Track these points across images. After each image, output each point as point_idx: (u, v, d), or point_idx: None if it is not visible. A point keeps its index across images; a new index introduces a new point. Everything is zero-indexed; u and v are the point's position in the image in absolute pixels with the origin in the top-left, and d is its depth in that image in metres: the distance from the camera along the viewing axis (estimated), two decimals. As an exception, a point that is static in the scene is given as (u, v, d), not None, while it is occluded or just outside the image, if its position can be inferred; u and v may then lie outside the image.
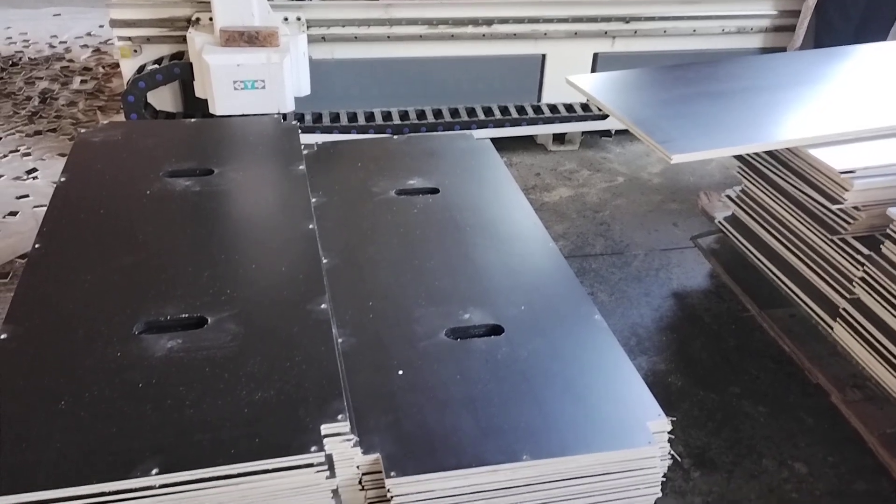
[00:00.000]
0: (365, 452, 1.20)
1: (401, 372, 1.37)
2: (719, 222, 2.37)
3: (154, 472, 1.07)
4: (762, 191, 2.16)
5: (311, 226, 1.65)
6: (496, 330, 1.50)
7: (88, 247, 1.55)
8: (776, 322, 2.12)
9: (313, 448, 1.12)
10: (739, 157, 2.22)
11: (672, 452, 1.30)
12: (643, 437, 1.28)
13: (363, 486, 1.22)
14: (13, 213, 2.91)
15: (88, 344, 1.29)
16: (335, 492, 1.16)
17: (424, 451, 1.22)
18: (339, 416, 1.17)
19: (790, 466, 1.87)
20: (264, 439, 1.13)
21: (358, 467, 1.20)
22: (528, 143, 3.53)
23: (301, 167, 1.88)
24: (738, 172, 2.26)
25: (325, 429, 1.16)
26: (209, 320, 1.35)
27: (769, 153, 2.07)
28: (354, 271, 1.64)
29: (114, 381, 1.22)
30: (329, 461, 1.14)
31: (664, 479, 1.29)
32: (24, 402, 1.18)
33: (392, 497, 1.18)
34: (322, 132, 3.11)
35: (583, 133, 3.56)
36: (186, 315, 1.37)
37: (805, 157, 1.90)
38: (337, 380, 1.25)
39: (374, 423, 1.26)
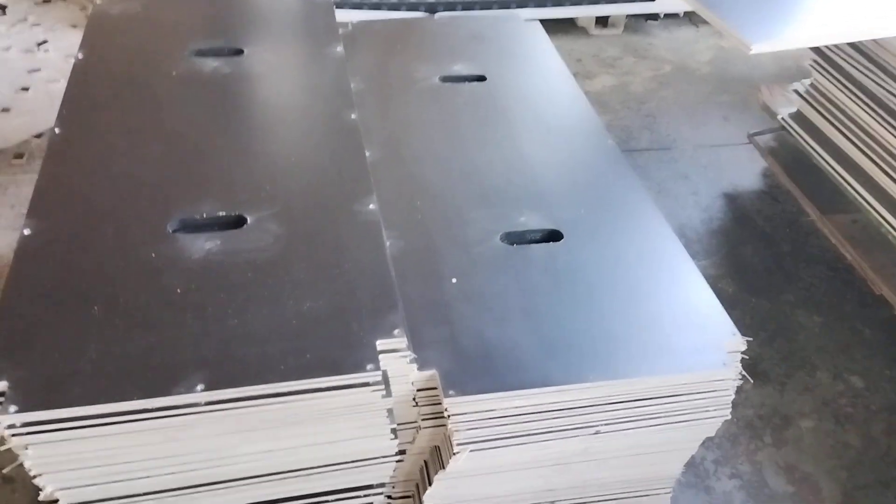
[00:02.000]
0: (420, 368, 1.12)
1: (454, 280, 1.27)
2: (782, 119, 2.20)
3: (199, 387, 0.99)
4: (837, 86, 1.98)
5: (353, 116, 1.51)
6: (554, 235, 1.39)
7: (113, 133, 1.42)
8: (837, 228, 2.00)
9: (369, 366, 1.03)
10: (815, 49, 2.03)
11: (744, 373, 1.21)
12: (717, 358, 1.19)
13: (417, 403, 1.15)
14: (25, 89, 2.75)
15: (120, 243, 1.19)
16: (389, 410, 1.08)
17: (483, 369, 1.14)
18: (395, 331, 1.08)
19: (845, 380, 1.80)
20: (315, 354, 1.04)
21: (412, 384, 1.12)
22: (569, 26, 3.29)
23: (339, 49, 1.71)
24: (811, 65, 2.07)
25: (380, 344, 1.07)
26: (248, 220, 1.24)
27: (852, 45, 1.88)
28: (399, 166, 1.51)
29: (150, 286, 1.12)
30: (384, 378, 1.05)
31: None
32: (54, 307, 1.08)
33: (450, 416, 1.11)
34: (351, 7, 2.89)
35: (627, 16, 3.30)
36: (224, 213, 1.26)
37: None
38: (391, 290, 1.15)
39: (428, 337, 1.17)
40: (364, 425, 1.08)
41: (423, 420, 1.17)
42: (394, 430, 1.11)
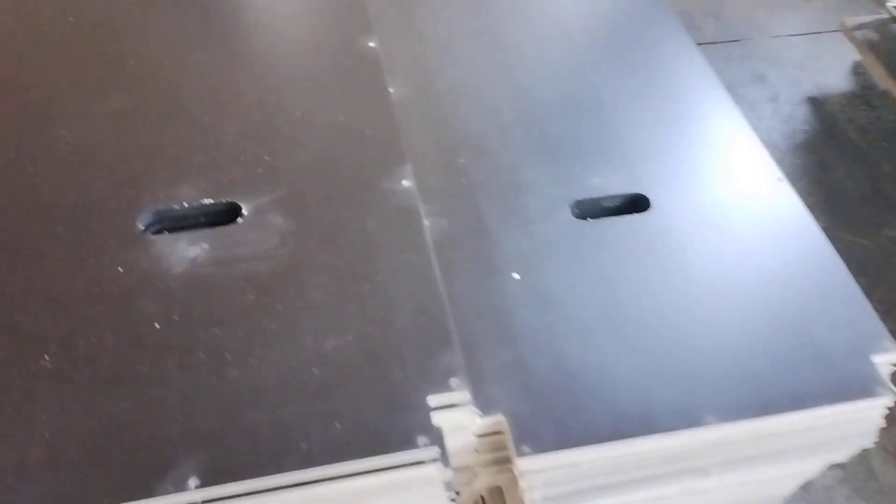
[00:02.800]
0: (482, 411, 0.85)
1: (516, 276, 0.97)
2: (892, 7, 1.81)
3: (192, 482, 0.72)
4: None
5: (371, 43, 1.15)
6: (639, 203, 1.07)
7: (55, 79, 1.08)
8: (953, 145, 1.67)
9: (421, 440, 0.76)
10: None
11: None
12: (868, 374, 0.90)
13: (477, 451, 0.88)
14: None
15: (74, 250, 0.89)
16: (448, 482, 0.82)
17: (564, 408, 0.86)
18: (452, 381, 0.80)
19: (963, 337, 1.53)
20: (347, 422, 0.77)
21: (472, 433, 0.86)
22: None
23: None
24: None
25: (434, 401, 0.79)
26: (243, 209, 0.94)
27: None
28: (432, 108, 1.17)
29: (117, 319, 0.83)
30: (441, 447, 0.78)
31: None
32: (-10, 355, 0.80)
33: (523, 474, 0.85)
34: None
35: None
36: (210, 200, 0.95)
37: None
38: (443, 318, 0.86)
39: (488, 364, 0.88)
40: (413, 501, 0.83)
41: (484, 466, 0.91)
42: (452, 499, 0.85)
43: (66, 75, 1.08)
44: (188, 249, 0.89)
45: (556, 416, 0.85)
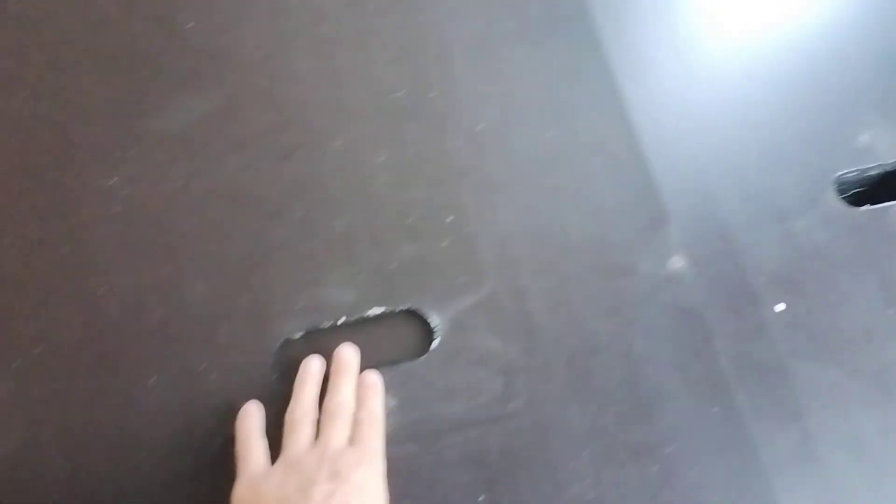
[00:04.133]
0: None
1: (780, 308, 0.67)
2: None
3: None
4: None
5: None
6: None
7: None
8: None
9: None
10: None
11: None
12: None
13: None
14: None
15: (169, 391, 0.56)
16: None
17: None
18: None
19: None
20: None
21: None
22: None
23: None
24: None
25: None
26: (433, 325, 0.59)
27: None
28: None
29: None
30: None
31: None
32: None
33: None
34: None
35: None
36: (380, 310, 0.60)
37: None
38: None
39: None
40: None
41: None
42: None
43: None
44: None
45: None
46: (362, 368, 0.57)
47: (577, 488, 0.56)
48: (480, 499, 0.55)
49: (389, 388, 0.57)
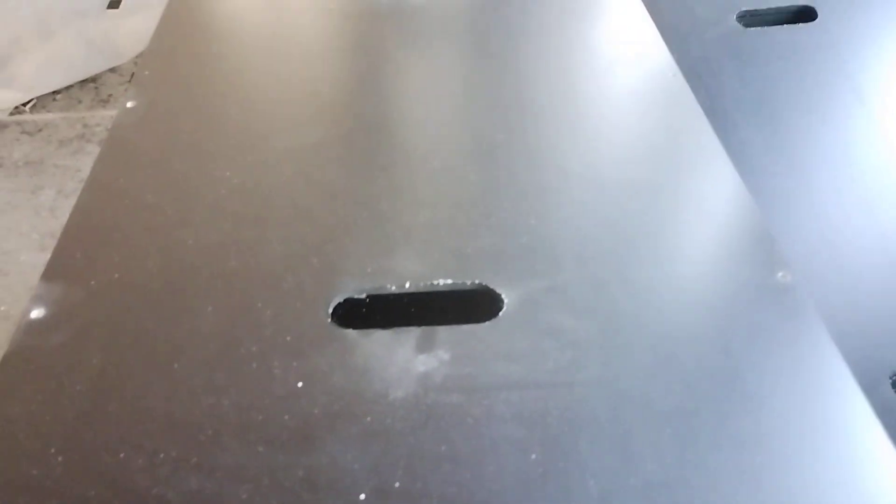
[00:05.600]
0: None
1: None
2: None
3: None
4: None
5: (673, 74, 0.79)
6: None
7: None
8: None
9: None
10: None
11: None
12: None
13: None
14: None
15: (224, 348, 0.53)
16: None
17: None
18: None
19: None
20: None
21: None
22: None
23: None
24: None
25: None
26: (504, 299, 0.56)
27: None
28: None
29: (280, 469, 0.45)
30: None
31: None
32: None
33: None
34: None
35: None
36: (447, 281, 0.58)
37: None
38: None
39: None
40: None
41: None
42: None
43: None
44: (416, 359, 0.51)
45: None
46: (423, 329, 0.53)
47: (655, 465, 0.45)
48: (533, 457, 0.45)
49: (444, 344, 0.52)
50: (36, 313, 0.55)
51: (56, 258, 0.59)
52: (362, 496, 0.44)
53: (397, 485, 0.44)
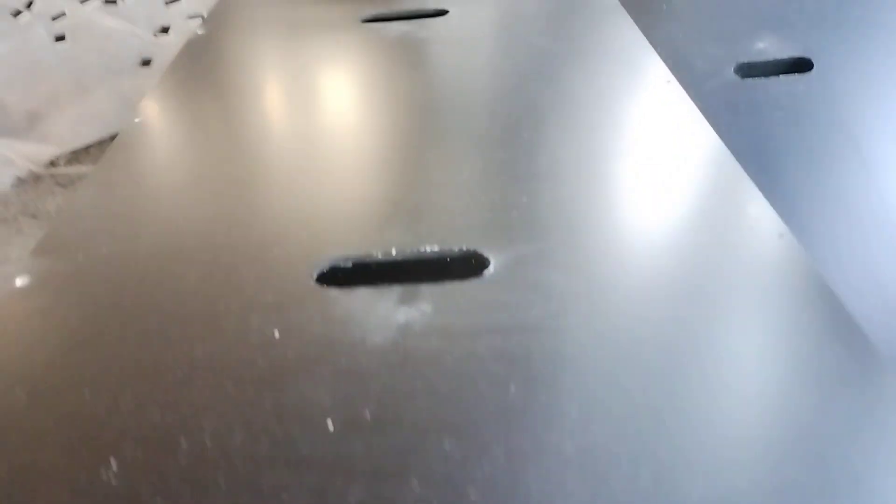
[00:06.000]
0: None
1: None
2: None
3: None
4: None
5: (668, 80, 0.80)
6: None
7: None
8: None
9: None
10: None
11: None
12: None
13: None
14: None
15: (208, 303, 0.52)
16: None
17: None
18: None
19: None
20: None
21: None
22: None
23: None
24: None
25: None
26: (491, 262, 0.54)
27: None
28: None
29: (265, 409, 0.43)
30: None
31: None
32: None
33: None
34: None
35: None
36: (433, 247, 0.57)
37: None
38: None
39: None
40: None
41: None
42: None
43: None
44: (396, 311, 0.50)
45: None
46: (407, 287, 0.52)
47: (639, 393, 0.42)
48: (512, 389, 0.43)
49: (426, 298, 0.50)
50: (20, 281, 0.55)
51: (47, 238, 0.60)
52: (330, 424, 0.41)
53: (368, 416, 0.42)
